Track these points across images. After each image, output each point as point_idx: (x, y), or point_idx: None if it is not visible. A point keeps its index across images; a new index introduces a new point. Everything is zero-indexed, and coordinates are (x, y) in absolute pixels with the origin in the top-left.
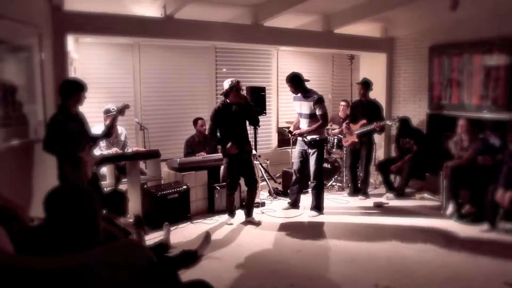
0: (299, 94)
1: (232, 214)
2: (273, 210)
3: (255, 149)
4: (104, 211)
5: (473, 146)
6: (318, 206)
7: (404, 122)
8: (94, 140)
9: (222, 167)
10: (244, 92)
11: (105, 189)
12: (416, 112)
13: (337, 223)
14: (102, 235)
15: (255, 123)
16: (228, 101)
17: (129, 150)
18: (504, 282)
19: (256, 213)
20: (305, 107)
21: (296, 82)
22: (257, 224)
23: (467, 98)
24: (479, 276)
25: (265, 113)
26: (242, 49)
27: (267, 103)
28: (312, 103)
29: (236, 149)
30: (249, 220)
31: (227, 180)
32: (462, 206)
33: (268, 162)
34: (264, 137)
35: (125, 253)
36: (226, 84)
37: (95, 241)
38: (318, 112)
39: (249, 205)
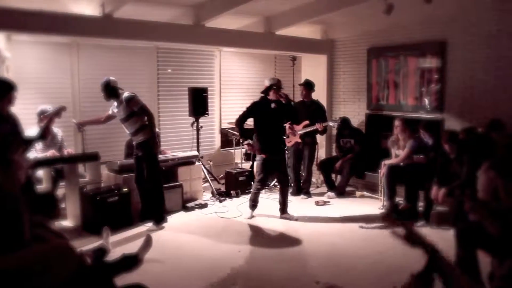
0: (115, 103)
1: (254, 208)
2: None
3: (197, 150)
4: (35, 215)
5: (408, 145)
6: (155, 217)
7: (344, 122)
8: (28, 143)
9: (255, 163)
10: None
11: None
12: (356, 112)
13: (278, 223)
14: (29, 238)
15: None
16: (269, 98)
17: (64, 152)
18: None
19: (206, 214)
20: (121, 111)
21: (107, 90)
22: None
23: (404, 99)
24: (414, 269)
25: (207, 114)
26: (185, 50)
27: (209, 104)
28: (124, 104)
29: (258, 151)
30: (285, 217)
31: (261, 176)
32: (399, 203)
33: (211, 163)
34: (207, 138)
35: (54, 255)
36: (267, 82)
37: (20, 244)
38: (135, 109)
39: (283, 202)
